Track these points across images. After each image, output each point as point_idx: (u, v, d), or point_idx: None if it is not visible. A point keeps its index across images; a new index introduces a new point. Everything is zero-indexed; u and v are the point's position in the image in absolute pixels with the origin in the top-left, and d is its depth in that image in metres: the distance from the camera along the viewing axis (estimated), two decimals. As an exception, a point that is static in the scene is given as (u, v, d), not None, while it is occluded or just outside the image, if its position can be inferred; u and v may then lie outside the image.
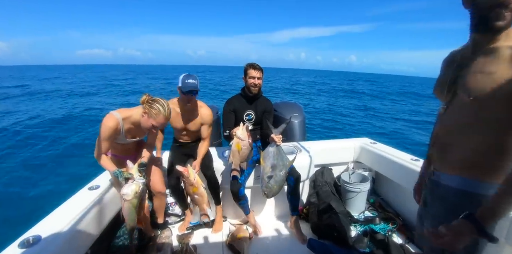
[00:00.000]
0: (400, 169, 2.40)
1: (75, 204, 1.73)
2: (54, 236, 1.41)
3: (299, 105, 3.65)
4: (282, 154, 2.03)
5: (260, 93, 2.40)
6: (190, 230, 2.39)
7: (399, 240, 2.21)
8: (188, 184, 1.96)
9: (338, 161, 3.03)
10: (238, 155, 1.98)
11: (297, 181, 2.22)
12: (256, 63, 2.28)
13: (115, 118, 1.69)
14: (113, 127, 1.68)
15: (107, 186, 1.98)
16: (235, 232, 2.28)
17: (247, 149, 1.98)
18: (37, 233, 1.41)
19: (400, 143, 8.03)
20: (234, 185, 2.17)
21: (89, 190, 1.93)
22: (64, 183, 5.15)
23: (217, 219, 2.43)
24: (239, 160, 2.03)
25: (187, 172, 1.92)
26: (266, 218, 2.61)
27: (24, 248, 1.30)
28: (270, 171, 1.95)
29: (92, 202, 1.77)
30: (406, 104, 19.22)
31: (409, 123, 11.84)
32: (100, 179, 2.13)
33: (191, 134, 2.31)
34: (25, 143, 7.50)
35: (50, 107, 12.90)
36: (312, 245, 2.05)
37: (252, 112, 2.37)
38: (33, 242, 1.35)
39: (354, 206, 2.67)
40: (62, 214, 1.61)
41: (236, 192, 2.16)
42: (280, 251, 2.13)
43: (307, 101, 17.73)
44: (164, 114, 1.66)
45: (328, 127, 10.39)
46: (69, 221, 1.54)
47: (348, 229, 2.19)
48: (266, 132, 2.22)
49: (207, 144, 2.27)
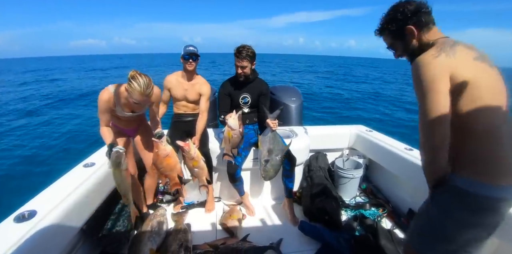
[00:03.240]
0: (393, 158, 2.43)
1: (70, 181, 1.73)
2: (49, 211, 1.42)
3: (297, 89, 3.61)
4: (278, 139, 2.07)
5: (254, 76, 2.37)
6: (185, 209, 2.44)
7: (387, 226, 2.28)
8: (189, 158, 1.98)
9: (333, 146, 3.06)
10: (229, 142, 2.04)
11: (292, 165, 2.25)
12: (246, 46, 2.18)
13: (108, 91, 1.71)
14: (106, 100, 1.71)
15: (102, 163, 1.98)
16: (228, 213, 2.33)
17: (238, 137, 2.02)
18: (33, 208, 1.42)
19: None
20: (231, 167, 2.19)
21: (84, 167, 1.93)
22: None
23: (209, 198, 2.48)
24: (230, 147, 2.08)
25: (188, 146, 1.94)
26: (260, 199, 2.66)
27: (19, 222, 1.31)
28: (267, 155, 2.00)
29: (87, 178, 1.78)
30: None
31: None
32: (96, 156, 2.12)
33: (189, 105, 2.37)
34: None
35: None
36: (303, 227, 2.11)
37: (248, 95, 2.36)
38: (28, 216, 1.35)
39: (346, 192, 2.73)
40: (57, 190, 1.62)
41: (233, 173, 2.18)
42: (272, 232, 2.19)
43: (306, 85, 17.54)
44: (139, 91, 1.56)
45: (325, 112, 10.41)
46: (64, 197, 1.55)
47: (339, 213, 2.25)
48: (263, 116, 2.22)
49: (204, 118, 2.28)
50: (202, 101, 2.28)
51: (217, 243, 1.92)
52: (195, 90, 2.29)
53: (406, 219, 2.30)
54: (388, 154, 2.51)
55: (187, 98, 2.32)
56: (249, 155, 2.40)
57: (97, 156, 2.13)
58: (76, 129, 7.52)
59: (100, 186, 1.86)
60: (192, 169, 2.06)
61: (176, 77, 2.29)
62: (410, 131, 7.53)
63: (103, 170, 1.93)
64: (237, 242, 1.96)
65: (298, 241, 2.08)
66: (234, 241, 1.99)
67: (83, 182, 1.74)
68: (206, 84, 2.32)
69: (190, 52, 2.18)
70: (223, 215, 2.33)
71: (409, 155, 2.30)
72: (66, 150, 5.94)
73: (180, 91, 2.29)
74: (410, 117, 10.02)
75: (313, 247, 2.01)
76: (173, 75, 2.30)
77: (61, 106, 10.82)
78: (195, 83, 2.29)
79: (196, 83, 2.30)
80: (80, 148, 5.92)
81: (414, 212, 2.32)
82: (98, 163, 1.98)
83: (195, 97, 2.30)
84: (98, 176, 1.86)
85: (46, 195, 1.56)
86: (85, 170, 1.89)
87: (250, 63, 2.23)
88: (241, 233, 2.12)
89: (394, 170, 2.50)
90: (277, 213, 2.48)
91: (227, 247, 1.87)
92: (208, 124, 2.91)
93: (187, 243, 1.87)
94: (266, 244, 1.95)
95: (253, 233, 2.09)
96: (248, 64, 2.21)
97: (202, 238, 2.04)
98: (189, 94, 2.30)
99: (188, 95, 2.30)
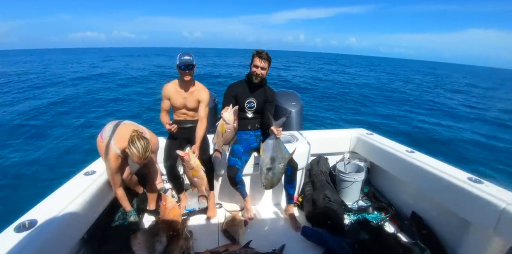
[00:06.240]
0: (395, 160, 2.42)
1: (70, 189, 1.73)
2: (49, 220, 1.41)
3: (297, 94, 3.63)
4: (282, 147, 2.05)
5: (264, 82, 2.35)
6: (186, 216, 2.42)
7: (391, 229, 2.26)
8: (189, 168, 1.98)
9: (334, 150, 3.05)
10: (221, 136, 2.01)
11: (294, 170, 2.24)
12: (265, 51, 2.21)
13: (114, 153, 1.85)
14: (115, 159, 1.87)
15: (102, 172, 1.98)
16: (230, 219, 2.31)
17: (231, 132, 2.00)
18: (33, 217, 1.41)
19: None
20: (231, 170, 2.18)
21: (85, 175, 1.93)
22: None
23: (210, 205, 2.46)
24: (222, 142, 2.06)
25: (188, 156, 1.94)
26: (262, 205, 2.65)
27: (20, 232, 1.30)
28: (270, 163, 1.98)
29: (87, 187, 1.77)
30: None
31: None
32: (96, 164, 2.12)
33: (189, 113, 2.36)
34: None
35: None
36: (306, 232, 2.09)
37: (254, 101, 2.34)
38: (29, 226, 1.35)
39: (348, 196, 2.71)
40: (57, 199, 1.61)
41: (233, 176, 2.17)
42: (274, 238, 2.17)
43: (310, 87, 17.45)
44: (138, 156, 1.75)
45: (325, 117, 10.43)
46: (65, 206, 1.54)
47: (341, 217, 2.23)
48: (267, 123, 2.20)
49: (204, 125, 2.28)
50: (201, 108, 2.28)
51: (219, 250, 1.90)
52: (193, 98, 2.28)
53: (409, 222, 2.28)
54: (389, 156, 2.50)
55: (186, 106, 2.32)
56: (250, 160, 2.39)
57: (97, 164, 2.12)
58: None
59: (101, 194, 1.85)
60: (191, 178, 2.06)
61: (174, 86, 2.27)
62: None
63: (104, 178, 1.93)
64: (239, 248, 1.94)
65: (301, 247, 2.06)
66: (237, 247, 1.97)
67: (84, 190, 1.73)
68: (204, 90, 2.31)
69: (185, 62, 2.14)
70: (225, 222, 2.31)
71: (411, 157, 2.29)
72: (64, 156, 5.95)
73: (179, 100, 2.28)
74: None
75: (316, 252, 1.99)
76: (171, 84, 2.28)
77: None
78: (193, 91, 2.28)
79: (195, 90, 2.28)
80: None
81: (417, 215, 2.30)
82: (99, 171, 1.98)
83: (194, 104, 2.30)
84: (99, 184, 1.86)
85: (47, 204, 1.56)
86: (85, 178, 1.89)
87: (268, 66, 2.25)
88: (243, 239, 2.10)
89: (396, 172, 2.49)
90: (279, 219, 2.46)
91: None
92: (208, 130, 2.91)
93: (188, 251, 1.85)
94: (269, 250, 1.93)
95: (255, 239, 2.07)
96: (267, 66, 2.23)
97: (204, 245, 2.02)
98: (188, 102, 2.30)
99: (187, 103, 2.30)
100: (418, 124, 9.49)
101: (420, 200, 2.34)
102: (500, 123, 10.74)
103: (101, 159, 2.19)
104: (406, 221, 2.30)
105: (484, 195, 1.67)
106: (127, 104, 10.84)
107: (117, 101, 11.22)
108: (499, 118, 11.57)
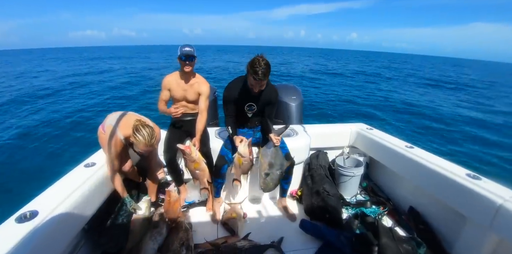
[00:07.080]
0: (394, 155, 2.43)
1: (71, 181, 1.73)
2: (50, 211, 1.42)
3: (297, 88, 3.61)
4: (280, 154, 2.12)
5: (266, 83, 2.06)
6: (185, 208, 2.44)
7: (388, 224, 2.28)
8: (190, 161, 1.98)
9: (334, 145, 3.06)
10: (239, 168, 2.08)
11: (291, 166, 2.25)
12: (262, 62, 1.83)
13: (118, 138, 1.85)
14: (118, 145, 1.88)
15: (103, 164, 1.98)
16: (229, 212, 2.34)
17: (248, 164, 2.07)
18: (34, 208, 1.42)
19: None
20: (219, 160, 2.21)
21: (85, 167, 1.93)
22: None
23: (209, 197, 2.48)
24: (240, 172, 2.12)
25: (189, 149, 1.94)
26: (260, 199, 2.66)
27: (21, 222, 1.31)
28: (267, 168, 2.07)
29: (88, 178, 1.78)
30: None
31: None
32: (96, 156, 2.12)
33: (189, 105, 2.35)
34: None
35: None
36: (305, 225, 2.11)
37: (254, 104, 2.19)
38: (30, 216, 1.36)
39: (347, 190, 2.73)
40: (58, 190, 1.62)
41: (220, 167, 2.20)
42: (273, 230, 2.19)
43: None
44: (144, 143, 1.73)
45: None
46: (66, 197, 1.55)
47: (340, 211, 2.25)
48: (267, 121, 2.21)
49: (204, 118, 2.27)
50: (201, 101, 2.27)
51: (218, 242, 1.93)
52: (194, 90, 2.27)
53: (407, 217, 2.30)
54: (388, 151, 2.51)
55: (186, 98, 2.30)
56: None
57: (97, 156, 2.13)
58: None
59: (101, 186, 1.86)
60: (193, 171, 2.07)
61: (174, 78, 2.26)
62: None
63: (104, 170, 1.93)
64: (238, 240, 1.96)
65: (299, 239, 2.09)
66: (235, 239, 1.99)
67: (84, 182, 1.74)
68: (205, 83, 2.29)
69: (186, 53, 2.13)
70: (224, 214, 2.34)
71: (410, 152, 2.29)
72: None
73: (179, 92, 2.27)
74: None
75: (314, 245, 2.01)
76: (172, 76, 2.28)
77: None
78: (193, 83, 2.27)
79: (195, 82, 2.27)
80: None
81: (415, 209, 2.32)
82: (99, 163, 1.98)
83: (194, 97, 2.29)
84: (99, 175, 1.87)
85: (48, 195, 1.57)
86: (86, 170, 1.89)
87: (267, 77, 1.92)
88: (242, 231, 2.13)
89: (394, 167, 2.50)
90: (277, 212, 2.48)
91: (228, 245, 1.87)
92: (208, 123, 2.91)
93: (188, 242, 1.87)
94: (267, 243, 1.95)
95: (254, 231, 2.09)
96: (265, 81, 1.94)
97: (203, 236, 2.04)
98: (188, 95, 2.28)
99: (187, 96, 2.29)
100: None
101: (418, 195, 2.35)
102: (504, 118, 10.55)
103: (101, 151, 2.20)
104: (404, 216, 2.33)
105: (482, 191, 1.68)
106: (126, 101, 10.82)
107: (121, 99, 11.20)
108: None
